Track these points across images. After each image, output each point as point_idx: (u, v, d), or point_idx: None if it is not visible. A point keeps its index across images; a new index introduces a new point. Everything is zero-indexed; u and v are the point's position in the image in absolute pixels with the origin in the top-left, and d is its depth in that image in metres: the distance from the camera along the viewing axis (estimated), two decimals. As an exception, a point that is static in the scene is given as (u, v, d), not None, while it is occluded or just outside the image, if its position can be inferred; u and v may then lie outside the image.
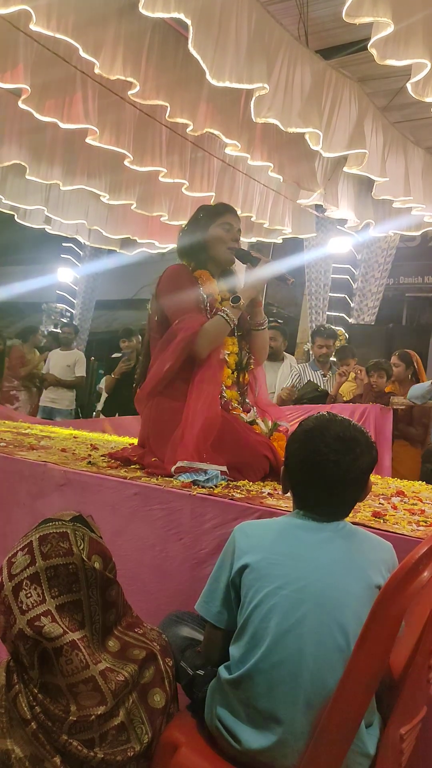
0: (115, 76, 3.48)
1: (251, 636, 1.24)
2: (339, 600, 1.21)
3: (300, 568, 1.25)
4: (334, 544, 1.30)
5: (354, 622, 1.19)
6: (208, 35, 3.11)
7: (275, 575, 1.25)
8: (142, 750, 1.27)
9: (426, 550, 1.04)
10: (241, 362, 2.51)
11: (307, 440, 1.34)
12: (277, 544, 1.29)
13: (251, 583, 1.26)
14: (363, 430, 1.36)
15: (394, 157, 4.75)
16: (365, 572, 1.25)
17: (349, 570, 1.25)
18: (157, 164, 4.73)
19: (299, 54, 3.69)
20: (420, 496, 2.32)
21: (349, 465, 1.30)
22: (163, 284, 2.43)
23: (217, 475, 2.09)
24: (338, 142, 4.01)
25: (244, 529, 1.37)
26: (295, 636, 1.20)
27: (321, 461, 1.30)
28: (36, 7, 3.07)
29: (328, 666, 1.18)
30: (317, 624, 1.20)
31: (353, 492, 1.35)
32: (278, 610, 1.22)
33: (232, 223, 2.47)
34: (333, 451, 1.30)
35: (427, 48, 3.14)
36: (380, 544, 1.35)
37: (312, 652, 1.19)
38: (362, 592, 1.22)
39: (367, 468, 1.33)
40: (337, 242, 7.47)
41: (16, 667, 1.27)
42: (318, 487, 1.33)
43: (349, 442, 1.31)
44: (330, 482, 1.31)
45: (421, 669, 1.15)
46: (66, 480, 2.23)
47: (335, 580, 1.23)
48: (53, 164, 5.15)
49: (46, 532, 1.33)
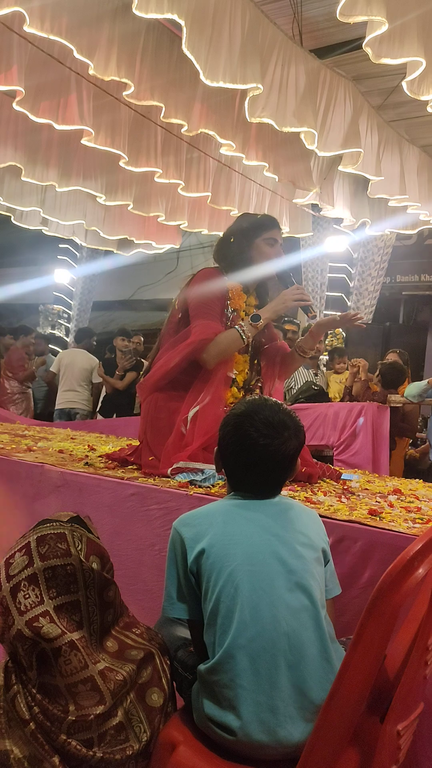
0: (110, 77, 3.47)
1: (224, 616, 1.26)
2: (296, 564, 1.29)
3: (255, 543, 1.30)
4: (277, 516, 1.37)
5: (312, 581, 1.28)
6: (201, 36, 3.11)
7: (233, 553, 1.29)
8: (140, 749, 1.27)
9: (421, 546, 1.04)
10: (249, 382, 2.50)
11: (237, 424, 1.39)
12: (226, 525, 1.34)
13: (212, 566, 1.30)
14: (292, 414, 1.42)
15: (389, 156, 4.75)
16: (309, 537, 1.35)
17: (296, 536, 1.33)
18: (153, 165, 4.73)
19: (293, 53, 3.69)
20: (417, 494, 2.32)
21: (277, 448, 1.35)
22: (194, 283, 2.42)
23: (214, 474, 2.10)
24: (333, 141, 4.01)
25: (185, 520, 1.40)
26: (266, 604, 1.25)
27: (251, 445, 1.36)
28: (29, 9, 3.07)
29: (301, 626, 1.25)
30: (284, 590, 1.26)
31: (282, 474, 1.41)
32: (246, 584, 1.26)
33: (276, 239, 2.44)
34: (262, 435, 1.35)
35: (421, 46, 3.14)
36: (311, 512, 1.45)
37: (285, 617, 1.24)
38: (311, 554, 1.32)
39: (294, 451, 1.39)
40: (333, 241, 7.48)
41: (15, 667, 1.27)
42: (249, 469, 1.39)
43: (278, 426, 1.36)
44: (260, 465, 1.37)
45: (417, 665, 1.16)
46: (63, 481, 2.23)
47: (288, 547, 1.30)
48: (48, 166, 5.14)
49: (44, 533, 1.34)
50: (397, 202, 5.13)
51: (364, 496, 2.16)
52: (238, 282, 2.43)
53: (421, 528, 1.65)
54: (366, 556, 1.61)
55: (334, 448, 4.42)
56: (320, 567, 1.33)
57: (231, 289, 2.41)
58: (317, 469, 2.42)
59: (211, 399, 2.27)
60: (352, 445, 4.45)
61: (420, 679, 1.22)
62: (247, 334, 2.32)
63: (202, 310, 2.35)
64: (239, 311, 2.41)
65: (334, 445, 4.42)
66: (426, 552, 1.06)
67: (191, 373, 2.33)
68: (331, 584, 1.40)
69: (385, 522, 1.70)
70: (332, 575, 1.41)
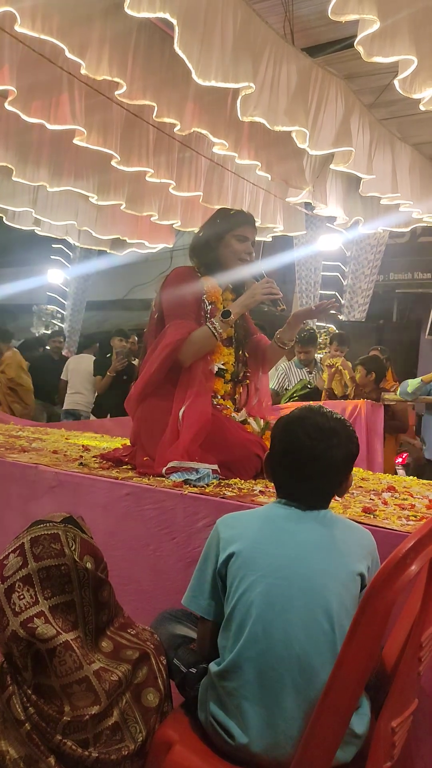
0: (102, 77, 3.47)
1: (238, 625, 1.25)
2: (323, 585, 1.24)
3: (284, 555, 1.27)
4: (316, 531, 1.32)
5: (338, 606, 1.22)
6: (193, 35, 3.11)
7: (260, 563, 1.27)
8: (136, 749, 1.27)
9: (413, 543, 1.05)
10: (237, 374, 2.50)
11: (287, 426, 1.39)
12: (261, 532, 1.32)
13: (237, 571, 1.28)
14: (346, 424, 1.39)
15: (381, 154, 4.76)
16: (347, 558, 1.28)
17: (331, 556, 1.28)
18: (144, 164, 4.72)
19: (285, 52, 3.70)
20: (411, 491, 2.33)
21: (322, 452, 1.33)
22: (167, 284, 2.42)
23: (209, 473, 2.10)
24: (325, 139, 4.01)
25: (227, 520, 1.39)
26: (281, 622, 1.22)
27: (297, 447, 1.34)
28: (20, 9, 3.06)
29: (315, 650, 1.20)
30: (303, 610, 1.22)
31: (328, 481, 1.37)
32: (264, 597, 1.24)
33: (247, 236, 2.43)
34: (309, 438, 1.33)
35: (413, 44, 3.15)
36: (360, 532, 1.37)
37: (298, 638, 1.21)
38: (345, 578, 1.26)
39: (342, 459, 1.35)
40: (326, 240, 7.49)
41: (10, 668, 1.27)
42: (293, 473, 1.37)
43: (327, 432, 1.34)
44: (303, 468, 1.35)
45: (411, 662, 1.16)
46: (57, 482, 2.23)
47: (319, 567, 1.26)
48: (40, 166, 5.13)
49: (38, 534, 1.34)
50: (389, 200, 5.14)
51: (358, 493, 2.17)
52: (211, 278, 2.43)
53: (415, 525, 1.65)
54: (360, 554, 1.61)
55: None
56: (352, 593, 1.26)
57: (205, 285, 2.41)
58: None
59: (197, 394, 2.27)
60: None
61: (414, 675, 1.22)
62: (218, 331, 2.32)
63: (175, 310, 2.35)
64: (216, 304, 2.41)
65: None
66: (419, 549, 1.07)
67: (177, 371, 2.33)
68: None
69: (379, 519, 1.71)
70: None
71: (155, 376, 2.32)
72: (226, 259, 2.42)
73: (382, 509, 1.86)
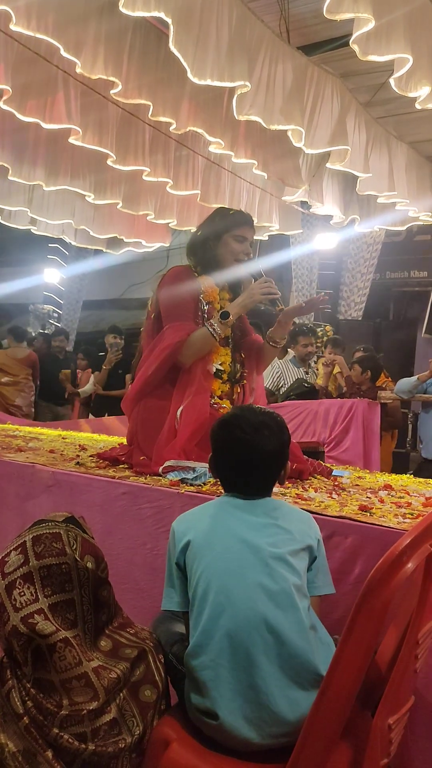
0: (97, 76, 3.46)
1: (201, 599, 1.32)
2: (274, 555, 1.34)
3: (236, 535, 1.37)
4: (262, 514, 1.43)
5: (288, 571, 1.33)
6: (188, 33, 3.10)
7: (215, 544, 1.37)
8: (133, 742, 1.28)
9: (410, 541, 1.05)
10: (234, 374, 2.50)
11: (223, 426, 1.51)
12: (213, 519, 1.43)
13: (194, 556, 1.38)
14: (274, 415, 1.51)
15: (378, 153, 4.76)
16: (293, 532, 1.40)
17: (278, 532, 1.39)
18: (141, 163, 4.71)
19: (281, 50, 3.69)
20: (407, 489, 2.33)
21: (257, 444, 1.44)
22: (164, 283, 2.41)
23: (205, 472, 2.10)
24: (321, 138, 4.01)
25: (179, 518, 1.50)
26: (242, 586, 1.30)
27: (234, 443, 1.46)
28: (15, 7, 3.05)
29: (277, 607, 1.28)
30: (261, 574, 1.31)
31: (266, 471, 1.48)
32: (222, 570, 1.33)
33: (246, 236, 2.42)
34: (243, 432, 1.45)
35: (408, 43, 3.15)
36: (300, 513, 1.50)
37: (261, 598, 1.29)
38: (292, 547, 1.37)
39: (276, 449, 1.47)
40: (323, 238, 7.49)
41: (10, 663, 1.29)
42: (233, 467, 1.48)
43: (258, 426, 1.46)
44: (245, 463, 1.46)
45: (407, 659, 1.17)
46: (54, 481, 2.23)
47: (268, 540, 1.36)
48: (36, 165, 5.12)
49: (40, 533, 1.36)
50: (386, 199, 5.14)
51: (354, 492, 2.17)
52: (208, 277, 2.42)
53: (411, 523, 1.66)
54: (356, 552, 1.62)
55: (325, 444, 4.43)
56: (302, 560, 1.38)
57: (202, 285, 2.40)
58: (308, 465, 2.43)
59: (195, 393, 2.27)
60: (343, 442, 4.47)
61: (410, 673, 1.23)
62: (217, 332, 2.32)
63: (173, 310, 2.35)
64: (214, 303, 2.41)
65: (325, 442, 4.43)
66: (415, 546, 1.07)
67: (175, 371, 2.33)
68: (320, 582, 1.43)
69: (376, 517, 1.71)
70: (322, 573, 1.44)
71: (153, 377, 2.32)
72: (223, 259, 2.41)
73: (379, 507, 1.87)
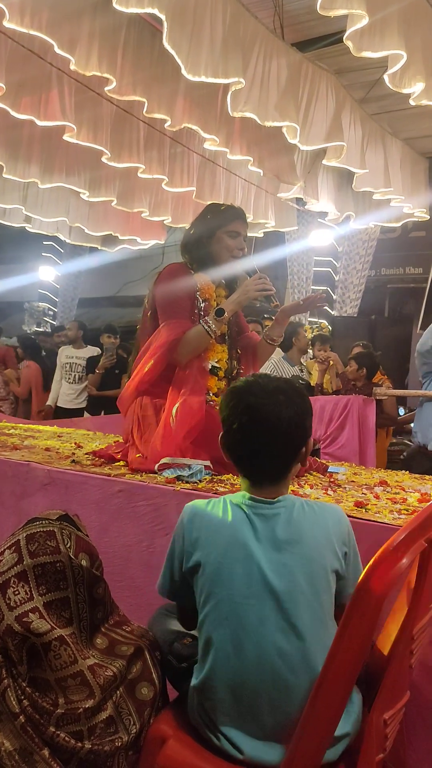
0: (91, 73, 3.45)
1: (206, 641, 1.25)
2: (294, 601, 1.22)
3: (252, 575, 1.24)
4: (283, 534, 1.27)
5: (310, 618, 1.21)
6: (182, 30, 3.10)
7: (227, 583, 1.25)
8: (130, 740, 1.28)
9: (404, 537, 1.05)
10: (230, 371, 2.50)
11: (234, 394, 1.36)
12: (228, 549, 1.27)
13: (203, 586, 1.27)
14: (291, 382, 1.38)
15: (373, 149, 4.77)
16: (318, 559, 1.25)
17: (301, 563, 1.24)
18: (135, 160, 4.71)
19: (275, 47, 3.69)
20: (403, 485, 2.34)
21: (272, 410, 1.29)
22: (160, 281, 2.41)
23: (201, 469, 2.10)
24: (316, 135, 4.02)
25: (194, 519, 1.33)
26: (254, 640, 1.21)
27: (245, 413, 1.31)
28: (9, 4, 3.05)
29: (288, 669, 1.19)
30: (275, 628, 1.21)
31: (285, 446, 1.32)
32: (234, 616, 1.23)
33: (239, 231, 2.41)
34: (256, 398, 1.31)
35: (402, 39, 3.16)
36: (329, 515, 1.32)
37: (271, 655, 1.20)
38: (317, 583, 1.23)
39: (293, 417, 1.31)
40: (318, 235, 7.50)
41: (5, 662, 1.28)
42: (248, 440, 1.32)
43: (273, 391, 1.32)
44: (257, 433, 1.30)
45: (403, 655, 1.17)
46: (50, 479, 2.23)
47: (289, 581, 1.23)
48: (30, 162, 5.11)
49: (34, 531, 1.35)
50: (381, 195, 5.15)
51: (350, 488, 2.18)
52: (204, 274, 2.42)
53: (407, 519, 1.66)
54: (352, 548, 1.62)
55: (321, 441, 4.44)
56: (327, 594, 1.25)
57: (198, 282, 2.40)
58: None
59: (191, 390, 2.27)
60: (338, 438, 4.47)
61: (406, 668, 1.23)
62: (213, 329, 2.32)
63: (169, 308, 2.35)
64: (210, 301, 2.40)
65: (321, 439, 4.44)
66: (410, 542, 1.07)
67: (171, 369, 2.33)
68: (351, 587, 1.26)
69: (371, 513, 1.72)
70: (352, 585, 1.27)
71: (149, 375, 2.32)
72: (218, 255, 2.41)
73: (374, 503, 1.87)
